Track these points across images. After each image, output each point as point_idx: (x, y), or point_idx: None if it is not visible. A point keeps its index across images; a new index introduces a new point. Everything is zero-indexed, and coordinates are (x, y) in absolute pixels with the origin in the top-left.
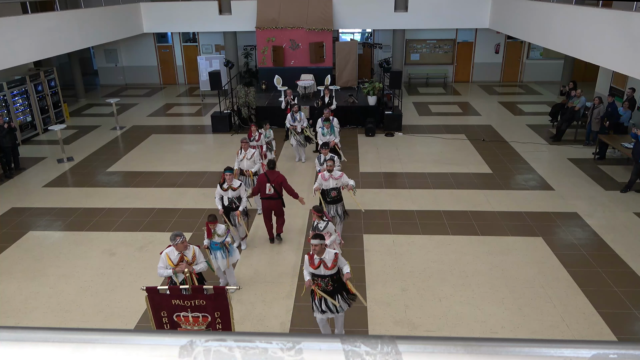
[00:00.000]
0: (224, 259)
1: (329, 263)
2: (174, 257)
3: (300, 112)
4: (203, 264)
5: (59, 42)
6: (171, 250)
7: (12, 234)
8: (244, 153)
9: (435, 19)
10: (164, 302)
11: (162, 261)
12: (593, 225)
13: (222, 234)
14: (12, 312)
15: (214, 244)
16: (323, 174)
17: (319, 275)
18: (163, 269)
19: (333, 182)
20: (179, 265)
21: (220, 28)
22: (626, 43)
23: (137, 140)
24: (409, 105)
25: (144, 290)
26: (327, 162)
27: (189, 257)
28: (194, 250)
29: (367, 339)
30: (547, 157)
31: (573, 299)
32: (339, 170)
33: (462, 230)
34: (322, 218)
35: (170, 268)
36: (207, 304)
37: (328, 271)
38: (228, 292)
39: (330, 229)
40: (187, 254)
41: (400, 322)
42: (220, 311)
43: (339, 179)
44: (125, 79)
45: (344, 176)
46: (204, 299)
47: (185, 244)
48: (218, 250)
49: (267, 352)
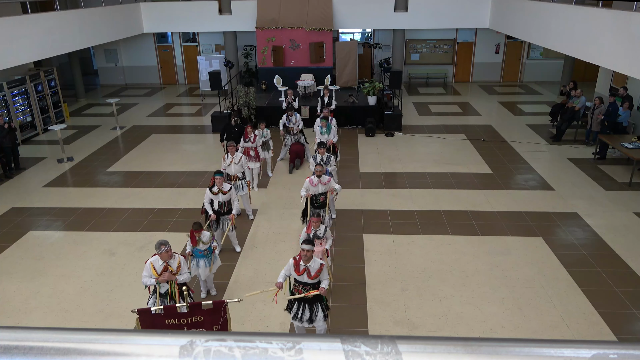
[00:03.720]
0: (206, 267)
1: (312, 272)
2: (158, 266)
3: (296, 114)
4: (187, 274)
5: (59, 42)
6: (156, 259)
7: (12, 234)
8: (232, 157)
9: (435, 19)
10: (157, 323)
11: (147, 270)
12: (593, 225)
13: (207, 242)
14: (12, 312)
15: (197, 252)
16: (311, 179)
17: (301, 282)
18: (147, 278)
19: (322, 187)
20: (162, 275)
21: (220, 28)
22: (626, 43)
23: (137, 140)
24: (409, 105)
25: (135, 312)
26: (316, 168)
27: (174, 267)
28: (179, 260)
29: (367, 339)
30: (547, 157)
31: (573, 299)
32: (334, 173)
33: (462, 230)
34: (322, 223)
35: (154, 277)
36: (205, 320)
37: (310, 280)
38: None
39: (329, 235)
40: (172, 263)
41: (400, 322)
42: (219, 325)
43: (327, 184)
44: (125, 79)
45: (332, 181)
46: (202, 315)
47: (170, 253)
48: (201, 259)
49: (267, 352)
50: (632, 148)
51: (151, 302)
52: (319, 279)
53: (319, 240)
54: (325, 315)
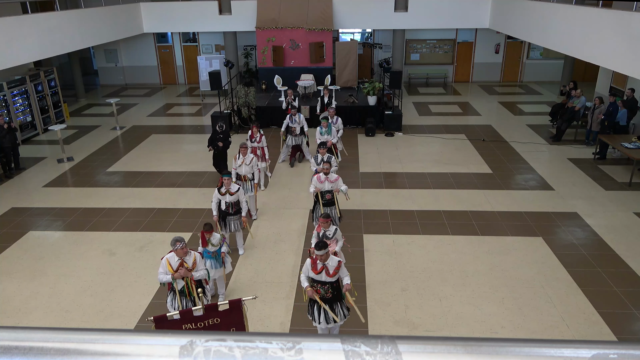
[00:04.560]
0: (212, 268)
1: (331, 270)
2: (174, 262)
3: (299, 114)
4: (203, 271)
5: (59, 42)
6: (172, 255)
7: (12, 234)
8: (243, 158)
9: (435, 19)
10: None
11: (162, 267)
12: (593, 225)
13: (217, 244)
14: (12, 312)
15: (206, 252)
16: (319, 176)
17: (319, 281)
18: (163, 275)
19: (329, 185)
20: (177, 271)
21: (220, 28)
22: (626, 43)
23: (137, 140)
24: (409, 105)
25: (152, 321)
26: (323, 165)
27: (189, 264)
28: (195, 256)
29: (367, 339)
30: (547, 157)
31: (573, 299)
32: (335, 173)
33: (462, 230)
34: (332, 224)
35: (170, 274)
36: (222, 322)
37: (329, 278)
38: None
39: (338, 236)
40: (188, 260)
41: (400, 322)
42: (235, 326)
43: (335, 182)
44: (125, 79)
45: (340, 180)
46: (218, 317)
47: (185, 250)
48: (209, 260)
49: (267, 352)
50: (632, 148)
51: (169, 300)
52: (338, 275)
53: (328, 240)
54: (344, 317)
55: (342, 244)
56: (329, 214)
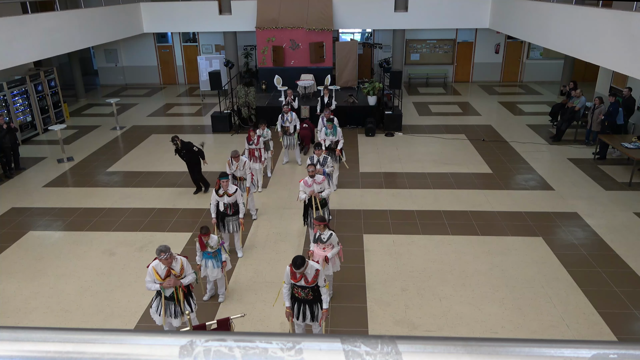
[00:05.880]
0: (214, 267)
1: (309, 278)
2: (160, 270)
3: (291, 113)
4: (191, 275)
5: (59, 42)
6: (157, 263)
7: (12, 234)
8: (236, 164)
9: (435, 19)
10: None
11: (150, 275)
12: (593, 225)
13: (215, 246)
14: (12, 312)
15: (205, 254)
16: (305, 180)
17: (299, 285)
18: (151, 283)
19: (317, 187)
20: (166, 281)
21: (220, 28)
22: (626, 43)
23: (137, 140)
24: (409, 105)
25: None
26: (307, 168)
27: (177, 270)
28: (182, 261)
29: (367, 339)
30: (547, 157)
31: (573, 299)
32: (328, 174)
33: (462, 230)
34: (327, 228)
35: (158, 282)
36: None
37: (308, 285)
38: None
39: (334, 241)
40: (175, 266)
41: (400, 322)
42: None
43: (322, 184)
44: (125, 79)
45: (326, 182)
46: None
47: (170, 260)
48: (210, 259)
49: (267, 352)
50: (632, 148)
51: (155, 305)
52: (316, 282)
53: (322, 244)
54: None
55: (336, 251)
56: (324, 217)
